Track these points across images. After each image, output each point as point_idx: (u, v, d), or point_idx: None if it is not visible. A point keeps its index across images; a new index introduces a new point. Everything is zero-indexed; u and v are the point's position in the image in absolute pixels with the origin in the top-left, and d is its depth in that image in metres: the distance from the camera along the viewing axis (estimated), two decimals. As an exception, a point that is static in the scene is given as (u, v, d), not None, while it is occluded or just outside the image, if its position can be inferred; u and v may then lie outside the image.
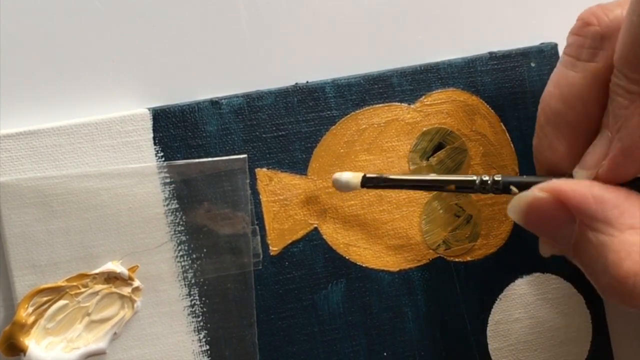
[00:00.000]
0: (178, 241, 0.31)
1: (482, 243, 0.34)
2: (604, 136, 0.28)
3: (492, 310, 0.34)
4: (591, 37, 0.28)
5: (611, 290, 0.25)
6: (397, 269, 0.33)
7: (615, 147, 0.27)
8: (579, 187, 0.26)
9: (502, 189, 0.29)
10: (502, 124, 0.35)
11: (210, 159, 0.32)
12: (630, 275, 0.24)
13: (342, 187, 0.32)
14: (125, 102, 0.32)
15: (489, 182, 0.30)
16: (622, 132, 0.26)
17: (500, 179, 0.29)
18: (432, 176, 0.32)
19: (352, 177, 0.31)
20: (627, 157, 0.26)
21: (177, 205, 0.31)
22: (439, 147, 0.34)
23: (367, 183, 0.31)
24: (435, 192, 0.34)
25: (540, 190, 0.27)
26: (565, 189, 0.26)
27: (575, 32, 0.29)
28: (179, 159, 0.31)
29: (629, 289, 0.25)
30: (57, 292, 0.30)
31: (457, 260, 0.34)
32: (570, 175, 0.29)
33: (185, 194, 0.31)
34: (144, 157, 0.31)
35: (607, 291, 0.26)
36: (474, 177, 0.30)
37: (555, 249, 0.31)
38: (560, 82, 0.29)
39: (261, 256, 0.32)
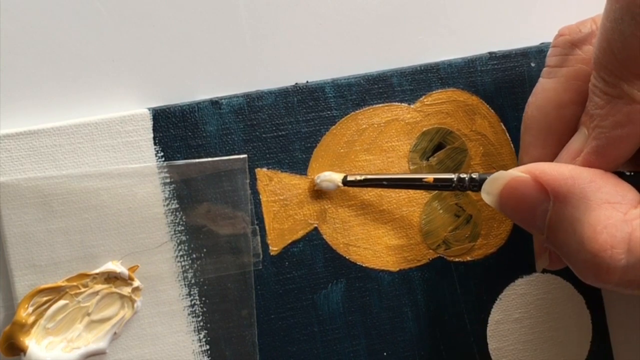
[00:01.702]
0: (178, 241, 0.31)
1: (482, 243, 0.34)
2: (581, 133, 0.28)
3: (492, 310, 0.34)
4: (562, 45, 0.30)
5: (587, 267, 0.25)
6: (397, 269, 0.33)
7: (590, 145, 0.27)
8: (557, 165, 0.27)
9: (480, 186, 0.29)
10: (502, 124, 0.35)
11: (210, 159, 0.32)
12: (607, 248, 0.24)
13: (325, 187, 0.32)
14: (125, 102, 0.32)
15: (466, 179, 0.30)
16: (597, 131, 0.27)
17: (476, 176, 0.29)
18: (410, 174, 0.33)
19: (334, 176, 0.32)
20: (600, 155, 0.27)
21: (177, 205, 0.31)
22: (439, 147, 0.34)
23: (348, 183, 0.32)
24: (435, 192, 0.34)
25: (517, 171, 0.27)
26: (543, 167, 0.27)
27: (552, 44, 0.31)
28: (179, 159, 0.31)
29: (605, 263, 0.25)
30: (57, 292, 0.30)
31: (457, 260, 0.34)
32: None
33: (185, 194, 0.31)
34: (144, 157, 0.31)
35: (583, 269, 0.26)
36: (452, 175, 0.30)
37: (549, 261, 0.31)
38: (537, 90, 0.31)
39: (261, 256, 0.32)
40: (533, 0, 0.36)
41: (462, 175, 0.30)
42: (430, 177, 0.31)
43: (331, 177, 0.32)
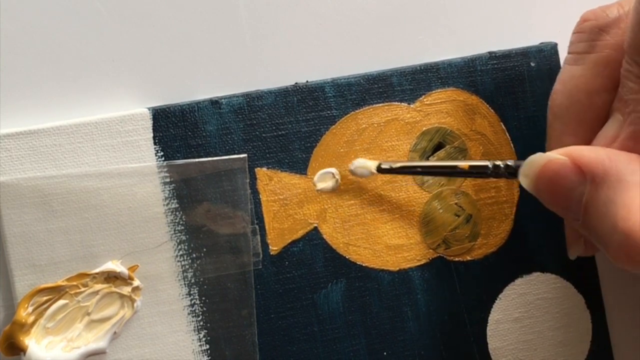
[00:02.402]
0: (178, 240, 0.31)
1: (482, 242, 0.34)
2: (615, 119, 0.28)
3: (492, 310, 0.34)
4: (589, 31, 0.29)
5: (620, 248, 0.25)
6: (397, 269, 0.33)
7: (626, 130, 0.27)
8: (595, 148, 0.27)
9: (514, 172, 0.28)
10: (502, 123, 0.35)
11: (210, 158, 0.32)
12: None
13: (359, 173, 0.33)
14: (125, 102, 0.32)
15: (501, 166, 0.29)
16: (633, 115, 0.26)
17: (512, 163, 0.29)
18: (446, 162, 0.32)
19: (369, 164, 0.32)
20: (638, 140, 0.27)
21: (177, 205, 0.31)
22: (438, 146, 0.34)
23: (383, 171, 0.32)
24: (435, 192, 0.34)
25: (555, 153, 0.27)
26: (581, 150, 0.26)
27: (575, 30, 0.30)
28: (179, 159, 0.31)
29: (638, 245, 0.24)
30: (57, 292, 0.30)
31: (457, 259, 0.34)
32: None
33: (185, 194, 0.31)
34: (144, 156, 0.31)
35: (617, 251, 0.25)
36: (487, 162, 0.30)
37: (583, 248, 0.31)
38: (564, 78, 0.30)
39: (261, 256, 0.32)
40: (533, 0, 0.36)
41: (497, 163, 0.29)
42: (465, 164, 0.30)
43: (365, 164, 0.32)
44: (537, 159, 0.27)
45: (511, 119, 0.35)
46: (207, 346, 0.32)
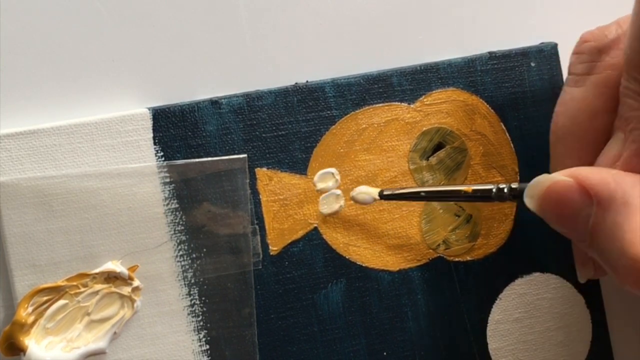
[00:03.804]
0: (178, 241, 0.31)
1: (482, 243, 0.34)
2: (617, 138, 0.28)
3: (492, 310, 0.34)
4: (588, 52, 0.29)
5: (628, 272, 0.24)
6: (397, 269, 0.33)
7: (629, 148, 0.27)
8: (599, 170, 0.26)
9: (518, 195, 0.28)
10: (502, 123, 0.35)
11: (210, 158, 0.32)
12: None
13: (362, 200, 0.32)
14: (125, 102, 0.32)
15: (505, 189, 0.29)
16: (635, 133, 0.26)
17: (516, 186, 0.28)
18: (449, 186, 0.32)
19: (371, 190, 0.32)
20: None
21: (177, 205, 0.31)
22: (438, 146, 0.34)
23: (385, 197, 0.32)
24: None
25: (560, 174, 0.27)
26: (586, 171, 0.26)
27: (575, 51, 0.30)
28: (179, 159, 0.31)
29: None
30: (57, 292, 0.30)
31: (457, 259, 0.34)
32: None
33: (185, 194, 0.31)
34: (144, 156, 0.31)
35: (624, 275, 0.25)
36: (491, 186, 0.29)
37: (593, 271, 0.31)
38: (565, 100, 0.30)
39: (261, 256, 0.32)
40: (533, 0, 0.36)
41: (501, 186, 0.29)
42: (468, 188, 0.30)
43: (368, 191, 0.32)
44: (542, 181, 0.27)
45: (511, 119, 0.35)
46: (207, 346, 0.32)
